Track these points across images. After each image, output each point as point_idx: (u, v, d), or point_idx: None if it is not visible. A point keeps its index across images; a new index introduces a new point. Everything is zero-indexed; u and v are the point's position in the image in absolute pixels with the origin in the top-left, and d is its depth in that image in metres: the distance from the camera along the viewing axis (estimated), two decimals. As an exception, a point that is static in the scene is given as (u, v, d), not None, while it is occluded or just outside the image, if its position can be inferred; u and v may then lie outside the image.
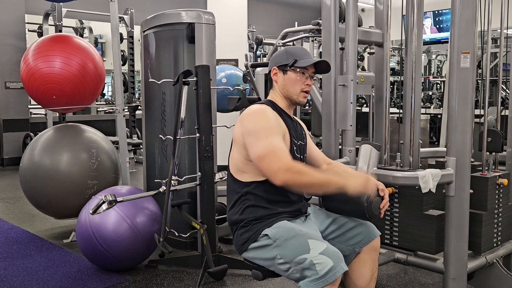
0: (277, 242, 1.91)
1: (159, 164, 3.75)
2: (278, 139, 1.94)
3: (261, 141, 1.90)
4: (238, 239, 2.07)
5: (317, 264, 1.76)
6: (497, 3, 2.83)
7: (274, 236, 1.92)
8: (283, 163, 1.85)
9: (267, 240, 1.94)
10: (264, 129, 1.94)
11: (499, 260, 2.75)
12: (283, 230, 1.93)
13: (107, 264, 3.19)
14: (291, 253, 1.85)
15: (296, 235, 1.88)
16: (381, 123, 2.96)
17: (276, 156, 1.87)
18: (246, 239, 2.02)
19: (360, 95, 6.31)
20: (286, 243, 1.88)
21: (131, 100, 7.94)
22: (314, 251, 1.79)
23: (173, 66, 3.63)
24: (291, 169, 1.84)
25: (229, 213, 2.12)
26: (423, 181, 2.36)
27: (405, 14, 2.81)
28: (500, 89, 3.36)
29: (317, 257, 1.77)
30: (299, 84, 2.08)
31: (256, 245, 1.99)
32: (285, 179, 1.84)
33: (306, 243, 1.83)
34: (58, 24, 7.07)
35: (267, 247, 1.94)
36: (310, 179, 1.86)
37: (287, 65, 2.07)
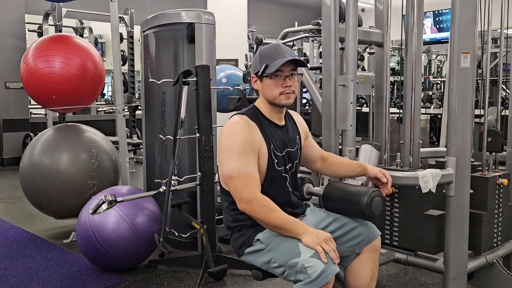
0: (269, 247, 1.93)
1: (159, 164, 3.75)
2: (249, 162, 1.91)
3: (230, 162, 1.90)
4: (234, 243, 2.08)
5: (308, 267, 1.76)
6: (497, 3, 2.83)
7: (266, 240, 1.94)
8: (246, 193, 1.87)
9: (260, 245, 1.96)
10: (235, 150, 1.91)
11: (499, 260, 2.75)
12: (274, 234, 1.93)
13: (107, 264, 3.19)
14: (284, 257, 1.86)
15: (286, 238, 1.88)
16: (381, 123, 2.96)
17: (243, 182, 1.88)
18: (241, 243, 2.03)
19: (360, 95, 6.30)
20: (278, 247, 1.89)
21: (131, 100, 7.94)
22: (304, 254, 1.79)
23: (173, 66, 3.63)
24: (252, 201, 1.86)
25: (223, 218, 2.14)
26: (423, 181, 2.36)
27: (405, 14, 2.81)
28: (500, 89, 3.37)
29: (308, 260, 1.76)
30: (277, 88, 2.00)
31: (251, 249, 2.01)
32: (244, 209, 1.89)
33: (296, 247, 1.82)
34: (58, 24, 7.07)
35: (261, 251, 1.96)
36: (267, 218, 1.86)
37: (259, 71, 2.01)
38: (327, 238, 1.81)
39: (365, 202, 2.02)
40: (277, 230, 1.89)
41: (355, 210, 2.07)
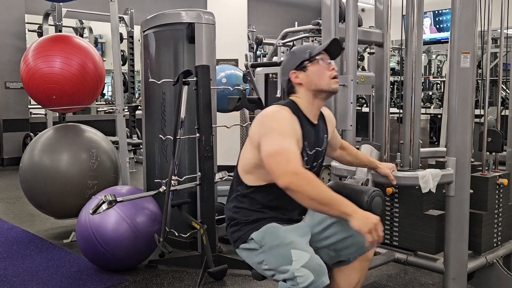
0: (262, 248, 1.90)
1: (159, 164, 3.75)
2: (292, 142, 1.85)
3: (275, 140, 1.82)
4: (230, 235, 2.07)
5: (298, 276, 1.74)
6: (497, 3, 2.83)
7: (260, 242, 1.92)
8: (292, 166, 1.76)
9: (254, 244, 1.94)
10: (281, 130, 1.85)
11: (499, 260, 2.75)
12: (268, 237, 1.90)
13: (107, 264, 3.19)
14: (275, 262, 1.84)
15: (280, 244, 1.84)
16: (381, 123, 2.96)
17: (286, 157, 1.78)
18: (236, 238, 2.02)
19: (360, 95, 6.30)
20: (271, 251, 1.87)
21: (131, 100, 7.94)
22: (296, 263, 1.76)
23: (173, 66, 3.63)
24: (298, 174, 1.75)
25: (226, 205, 2.10)
26: (423, 181, 2.36)
27: (405, 14, 2.81)
28: (500, 89, 3.37)
29: (299, 269, 1.74)
30: (325, 72, 1.97)
31: (245, 246, 1.99)
32: (289, 183, 1.74)
33: (289, 254, 1.79)
34: (58, 24, 7.07)
35: (254, 251, 1.95)
36: (315, 192, 1.73)
37: (304, 61, 1.97)
38: (377, 224, 1.73)
39: (365, 201, 2.02)
40: (322, 207, 1.75)
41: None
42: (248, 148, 1.99)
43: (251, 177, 1.99)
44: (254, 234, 1.95)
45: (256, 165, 1.94)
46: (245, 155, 2.01)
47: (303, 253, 1.79)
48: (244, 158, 2.02)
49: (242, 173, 2.02)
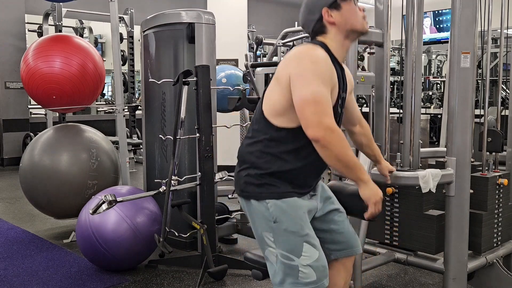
0: (276, 225, 1.79)
1: (159, 164, 3.75)
2: (329, 91, 1.74)
3: (311, 86, 1.70)
4: (239, 180, 1.88)
5: (301, 272, 1.75)
6: (497, 3, 2.83)
7: (276, 217, 1.79)
8: (327, 120, 1.68)
9: (268, 214, 1.80)
10: (320, 76, 1.72)
11: (499, 260, 2.75)
12: (286, 218, 1.79)
13: (107, 264, 3.19)
14: (284, 245, 1.79)
15: (296, 232, 1.78)
16: (381, 123, 2.96)
17: (322, 108, 1.68)
18: (248, 189, 1.84)
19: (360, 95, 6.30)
20: (284, 234, 1.79)
21: (131, 100, 7.94)
22: (304, 259, 1.76)
23: (173, 66, 3.63)
24: (333, 130, 1.68)
25: (245, 149, 1.89)
26: (423, 181, 2.36)
27: (405, 14, 2.81)
28: (500, 89, 3.37)
29: (305, 266, 1.75)
30: (358, 12, 1.87)
31: (256, 205, 1.83)
32: (321, 137, 1.67)
33: (300, 247, 1.77)
34: (58, 24, 7.07)
35: (266, 220, 1.81)
36: (343, 152, 1.70)
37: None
38: (381, 199, 1.82)
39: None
40: (344, 168, 1.74)
41: (354, 210, 2.07)
42: (275, 90, 1.82)
43: (283, 119, 1.81)
44: (273, 203, 1.80)
45: (287, 106, 1.79)
46: (272, 98, 1.84)
47: (314, 251, 1.78)
48: (271, 101, 1.84)
49: (272, 116, 1.83)
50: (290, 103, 1.77)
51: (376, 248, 2.83)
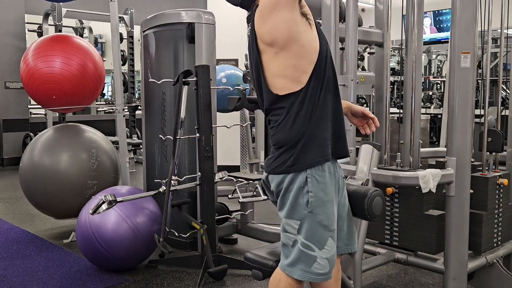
0: (308, 215, 1.78)
1: (159, 164, 3.75)
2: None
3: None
4: (274, 161, 1.84)
5: (317, 263, 1.80)
6: (497, 3, 2.83)
7: (313, 207, 1.77)
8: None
9: (305, 201, 1.78)
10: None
11: (499, 260, 2.75)
12: (323, 210, 1.79)
13: (107, 264, 3.19)
14: (309, 236, 1.80)
15: (326, 226, 1.81)
16: (381, 123, 2.96)
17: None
18: (284, 161, 1.81)
19: (360, 95, 6.30)
20: (314, 224, 1.80)
21: (131, 100, 7.94)
22: (325, 252, 1.81)
23: (173, 66, 3.63)
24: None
25: (278, 136, 1.84)
26: (423, 181, 2.36)
27: (405, 14, 2.81)
28: (500, 89, 3.36)
29: (323, 259, 1.81)
30: None
31: (294, 191, 1.79)
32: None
33: (325, 240, 1.82)
34: (58, 24, 7.07)
35: (299, 207, 1.79)
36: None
37: None
38: None
39: (365, 202, 2.02)
40: None
41: (355, 210, 2.07)
42: (273, 62, 1.80)
43: (304, 76, 1.79)
44: (317, 186, 1.77)
45: (282, 65, 1.79)
46: (268, 69, 1.82)
47: (334, 245, 1.85)
48: (269, 72, 1.83)
49: (290, 85, 1.80)
50: (285, 63, 1.77)
51: (376, 248, 2.83)
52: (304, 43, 1.77)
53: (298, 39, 1.76)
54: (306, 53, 1.78)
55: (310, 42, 1.79)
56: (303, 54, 1.78)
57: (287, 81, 1.80)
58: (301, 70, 1.78)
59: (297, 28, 1.75)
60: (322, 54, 1.81)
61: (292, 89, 1.79)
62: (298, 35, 1.75)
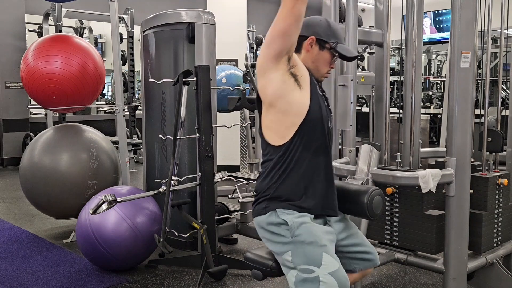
0: (293, 239, 1.83)
1: (159, 164, 3.75)
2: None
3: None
4: (258, 207, 1.96)
5: (322, 282, 1.74)
6: (497, 3, 2.83)
7: (293, 231, 1.83)
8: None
9: (285, 231, 1.85)
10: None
11: (499, 260, 2.75)
12: (303, 230, 1.83)
13: (107, 264, 3.19)
14: (302, 259, 1.80)
15: (314, 242, 1.81)
16: (381, 123, 2.96)
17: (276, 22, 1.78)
18: (265, 206, 1.92)
19: (360, 95, 6.30)
20: (302, 246, 1.82)
21: (131, 100, 7.94)
22: (325, 268, 1.76)
23: (173, 66, 3.63)
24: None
25: (260, 184, 1.97)
26: (423, 181, 2.35)
27: (405, 14, 2.81)
28: (500, 89, 3.36)
29: (326, 275, 1.75)
30: (328, 65, 2.00)
31: (271, 228, 1.89)
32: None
33: (320, 257, 1.78)
34: (58, 24, 7.07)
35: (282, 237, 1.86)
36: None
37: (328, 43, 1.95)
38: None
39: (366, 201, 2.02)
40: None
41: (355, 210, 2.07)
42: (268, 115, 1.91)
43: (290, 132, 1.90)
44: (290, 218, 1.85)
45: (286, 122, 1.88)
46: (270, 126, 1.93)
47: (334, 261, 1.80)
48: (270, 128, 1.93)
49: (279, 138, 1.92)
50: (287, 123, 1.88)
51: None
52: (290, 100, 1.86)
53: (284, 96, 1.85)
54: (292, 110, 1.87)
55: (296, 101, 1.87)
56: (288, 111, 1.87)
57: (273, 134, 1.91)
58: (285, 126, 1.88)
59: (283, 85, 1.84)
60: (311, 115, 1.88)
61: (276, 143, 1.90)
62: (284, 92, 1.85)
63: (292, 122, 1.88)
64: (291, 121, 1.88)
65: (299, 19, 1.75)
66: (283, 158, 1.89)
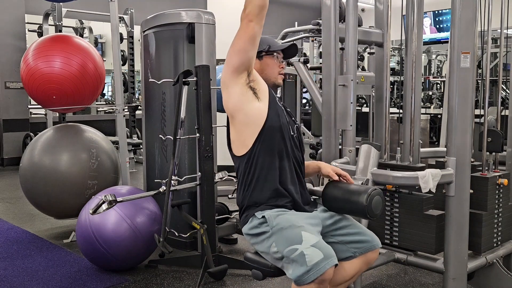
0: (273, 229, 1.95)
1: (159, 164, 3.75)
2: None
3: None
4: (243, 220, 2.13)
5: (307, 255, 1.79)
6: (497, 3, 2.83)
7: (272, 222, 1.96)
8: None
9: (266, 227, 1.98)
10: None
11: (499, 260, 2.75)
12: (281, 219, 1.96)
13: (107, 264, 3.19)
14: (284, 243, 1.88)
15: (292, 225, 1.92)
16: (381, 123, 2.96)
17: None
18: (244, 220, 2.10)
19: (360, 95, 6.30)
20: (281, 232, 1.92)
21: (131, 100, 7.94)
22: (306, 242, 1.83)
23: (173, 66, 3.63)
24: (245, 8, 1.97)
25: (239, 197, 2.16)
26: (423, 181, 2.35)
27: (405, 14, 2.81)
28: (500, 89, 3.36)
29: (308, 248, 1.81)
30: (276, 67, 2.18)
31: (256, 231, 2.03)
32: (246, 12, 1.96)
33: (299, 235, 1.86)
34: (58, 24, 7.07)
35: (264, 234, 1.99)
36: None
37: (262, 51, 2.16)
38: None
39: (365, 201, 2.02)
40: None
41: (355, 209, 2.07)
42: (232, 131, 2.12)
43: (250, 140, 2.08)
44: (267, 212, 2.00)
45: (248, 133, 2.06)
46: (230, 130, 2.13)
47: (313, 236, 1.88)
48: (236, 140, 2.12)
49: (239, 151, 2.11)
50: (245, 135, 2.06)
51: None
52: (248, 111, 2.04)
53: (243, 108, 2.04)
54: (250, 120, 2.05)
55: (255, 111, 2.04)
56: (247, 121, 2.05)
57: (238, 145, 2.10)
58: (246, 135, 2.06)
59: (242, 98, 2.03)
60: (269, 123, 2.05)
61: (240, 153, 2.09)
62: (242, 104, 2.04)
63: (252, 131, 2.05)
64: (252, 130, 2.05)
65: (253, 36, 1.95)
66: (248, 165, 2.05)
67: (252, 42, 1.96)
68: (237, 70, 2.00)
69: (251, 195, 2.06)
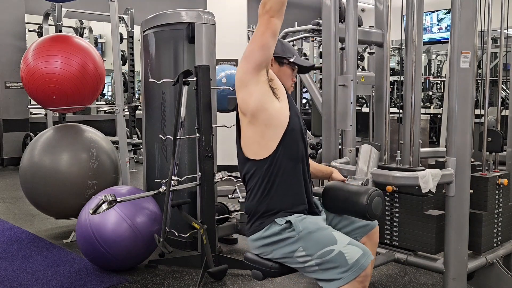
0: (300, 234, 1.89)
1: (159, 164, 3.75)
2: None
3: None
4: (253, 226, 2.03)
5: (346, 253, 1.81)
6: (497, 3, 2.83)
7: (298, 227, 1.90)
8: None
9: (290, 232, 1.91)
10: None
11: (499, 260, 2.75)
12: (306, 223, 1.92)
13: (107, 264, 3.19)
14: (316, 246, 1.86)
15: (319, 228, 1.91)
16: (381, 123, 2.96)
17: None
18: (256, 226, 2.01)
19: (360, 95, 6.30)
20: (310, 236, 1.89)
21: (131, 100, 7.94)
22: (341, 242, 1.84)
23: (173, 66, 3.63)
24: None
25: (249, 203, 2.05)
26: (423, 181, 2.36)
27: (405, 14, 2.81)
28: (500, 89, 3.37)
29: (345, 247, 1.82)
30: (290, 79, 2.15)
31: (274, 238, 1.95)
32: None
33: (331, 235, 1.87)
34: (58, 24, 7.07)
35: (288, 239, 1.92)
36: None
37: (286, 58, 2.11)
38: None
39: (365, 201, 2.02)
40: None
41: (355, 210, 2.07)
42: (247, 130, 2.00)
43: (271, 144, 1.98)
44: (292, 217, 1.93)
45: (266, 133, 1.97)
46: (250, 140, 2.01)
47: (343, 235, 1.90)
48: (250, 142, 2.02)
49: (260, 152, 2.00)
50: (266, 134, 1.96)
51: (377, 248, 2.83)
52: (271, 112, 1.95)
53: (266, 108, 1.94)
54: (274, 122, 1.96)
55: (277, 112, 1.96)
56: (270, 123, 1.95)
57: (256, 148, 1.98)
58: (268, 138, 1.95)
59: (264, 97, 1.93)
60: (292, 125, 1.98)
61: (260, 156, 1.97)
62: (265, 104, 1.94)
63: (275, 133, 1.96)
64: (274, 132, 1.96)
65: (275, 33, 1.88)
66: (269, 171, 1.96)
67: (275, 38, 1.90)
68: (259, 66, 1.90)
69: (271, 201, 1.97)
